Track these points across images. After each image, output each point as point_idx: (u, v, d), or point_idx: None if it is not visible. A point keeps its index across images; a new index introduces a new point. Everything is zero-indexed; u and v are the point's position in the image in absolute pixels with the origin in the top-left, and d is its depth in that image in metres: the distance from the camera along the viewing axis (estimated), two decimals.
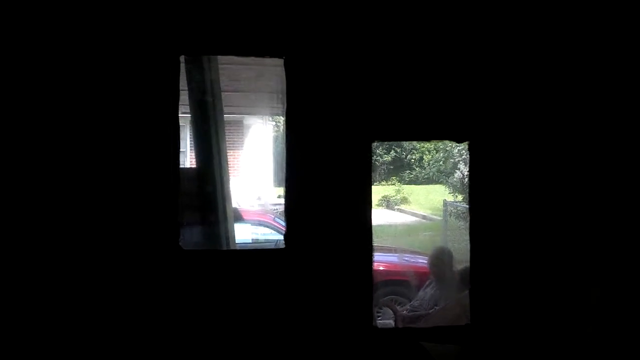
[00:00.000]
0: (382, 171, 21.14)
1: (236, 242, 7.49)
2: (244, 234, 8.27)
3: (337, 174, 3.59)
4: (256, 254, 3.67)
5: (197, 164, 4.37)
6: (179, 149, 3.48)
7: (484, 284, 3.66)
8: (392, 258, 8.79)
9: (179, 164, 3.48)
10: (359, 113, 3.59)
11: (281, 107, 3.70)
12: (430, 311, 6.29)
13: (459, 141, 3.80)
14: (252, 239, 8.69)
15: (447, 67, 3.67)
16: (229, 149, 16.19)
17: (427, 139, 3.81)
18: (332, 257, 3.57)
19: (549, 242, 3.69)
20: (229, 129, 16.35)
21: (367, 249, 3.60)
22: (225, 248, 4.40)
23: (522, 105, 3.71)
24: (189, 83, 4.24)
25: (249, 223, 8.76)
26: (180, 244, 3.47)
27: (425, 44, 3.65)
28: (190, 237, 4.17)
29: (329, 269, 3.56)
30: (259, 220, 9.22)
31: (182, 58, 3.48)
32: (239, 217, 6.65)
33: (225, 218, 4.37)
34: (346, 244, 3.58)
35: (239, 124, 17.01)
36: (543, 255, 3.69)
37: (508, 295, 3.66)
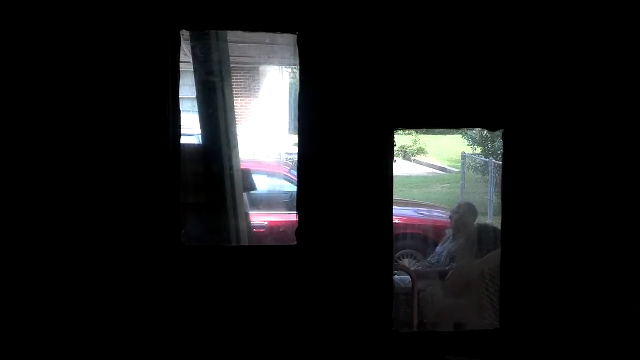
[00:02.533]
0: None
1: (251, 193, 7.29)
2: (259, 186, 8.10)
3: (356, 165, 3.24)
4: (265, 251, 3.37)
5: (202, 141, 4.03)
6: (180, 134, 3.14)
7: (515, 289, 3.35)
8: (408, 211, 8.63)
9: (180, 151, 3.15)
10: (380, 98, 3.22)
11: (295, 58, 3.34)
12: (447, 268, 6.12)
13: (493, 129, 3.42)
14: (268, 191, 8.55)
15: (482, 47, 3.27)
16: (244, 96, 15.94)
17: (455, 126, 3.43)
18: (348, 254, 3.27)
19: (586, 242, 3.36)
20: (244, 76, 15.96)
21: (387, 249, 3.29)
22: (234, 239, 4.11)
23: (563, 90, 3.34)
24: (194, 62, 3.88)
25: (264, 175, 8.60)
26: (182, 239, 3.18)
27: (455, 20, 3.24)
28: (195, 226, 3.87)
29: (343, 268, 3.27)
30: (275, 172, 9.04)
31: (187, 35, 3.12)
32: (251, 186, 6.31)
33: (235, 205, 4.06)
34: (363, 242, 3.29)
35: (254, 72, 16.60)
36: (581, 256, 3.36)
37: (540, 300, 3.36)
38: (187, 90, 4.28)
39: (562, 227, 3.35)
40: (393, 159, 3.29)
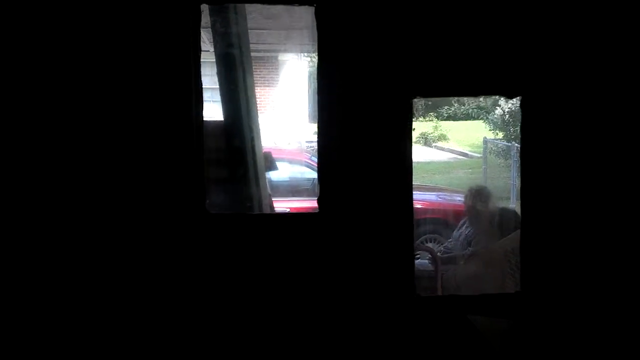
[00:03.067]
0: (420, 107, 20.61)
1: (273, 180, 7.32)
2: (280, 173, 8.15)
3: (375, 134, 3.27)
4: (287, 219, 3.43)
5: (224, 118, 4.09)
6: (202, 105, 3.20)
7: (536, 249, 3.35)
8: (430, 196, 8.65)
9: (202, 121, 3.21)
10: (398, 67, 3.24)
11: (311, 44, 3.35)
12: (465, 252, 6.13)
13: (510, 96, 3.41)
14: (289, 177, 8.60)
15: (500, 14, 3.25)
16: (263, 86, 15.98)
17: (474, 94, 3.43)
18: (370, 222, 3.30)
19: (608, 208, 3.34)
20: (264, 66, 16.02)
21: (407, 213, 3.32)
22: (257, 209, 4.16)
23: (582, 56, 3.30)
24: (214, 36, 3.92)
25: (286, 162, 8.64)
26: (206, 207, 3.24)
27: None
28: (218, 196, 3.94)
29: (366, 235, 3.30)
30: (296, 159, 9.08)
31: (205, 8, 3.16)
32: (272, 165, 6.38)
33: (256, 175, 4.12)
34: (385, 208, 3.30)
35: (273, 61, 16.64)
36: (601, 221, 3.35)
37: (562, 261, 3.36)
38: (208, 80, 4.31)
39: (581, 192, 3.34)
40: (412, 126, 3.32)
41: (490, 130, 15.08)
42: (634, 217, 3.35)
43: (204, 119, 3.28)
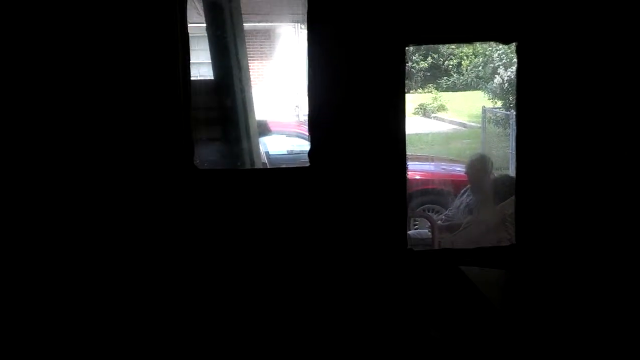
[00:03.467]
0: (419, 78, 20.45)
1: (270, 154, 7.29)
2: (279, 146, 8.10)
3: (367, 84, 3.20)
4: (277, 173, 3.37)
5: (214, 76, 4.01)
6: (189, 59, 3.13)
7: (530, 199, 3.31)
8: (429, 167, 8.62)
9: (189, 75, 3.14)
10: (391, 12, 3.15)
11: (302, 13, 3.28)
12: (465, 220, 6.09)
13: (506, 42, 3.34)
14: (288, 151, 8.55)
15: None
16: (260, 59, 15.82)
17: (468, 40, 3.35)
18: (362, 174, 3.24)
19: (600, 156, 3.29)
20: (259, 39, 15.85)
21: (400, 166, 3.26)
22: (249, 166, 4.10)
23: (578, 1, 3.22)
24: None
25: (284, 134, 8.58)
26: (195, 163, 3.19)
27: None
28: (210, 154, 3.88)
29: (358, 188, 3.25)
30: (295, 132, 9.02)
31: None
32: (267, 130, 6.33)
33: (248, 133, 4.06)
34: (378, 159, 3.24)
35: (269, 33, 16.46)
36: (594, 170, 3.30)
37: (556, 212, 3.31)
38: (203, 55, 4.22)
39: (575, 140, 3.28)
40: (405, 75, 3.24)
41: (489, 99, 14.95)
42: (624, 174, 3.29)
43: (194, 78, 3.21)
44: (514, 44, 3.27)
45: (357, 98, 3.21)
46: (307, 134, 3.27)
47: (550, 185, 3.30)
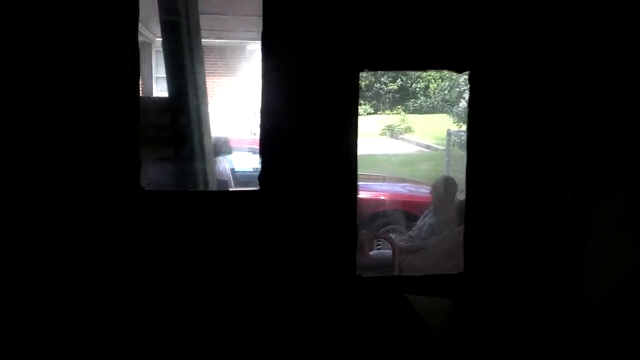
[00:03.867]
0: (387, 100, 20.63)
1: (236, 171, 7.22)
2: (245, 163, 8.04)
3: (320, 107, 3.18)
4: (226, 196, 3.32)
5: (169, 94, 3.95)
6: (139, 75, 3.06)
7: (480, 228, 3.31)
8: (394, 187, 8.65)
9: (138, 92, 3.08)
10: (346, 38, 3.15)
11: (256, 31, 3.26)
12: (427, 241, 6.11)
13: (459, 71, 3.36)
14: (254, 168, 8.48)
15: None
16: (218, 76, 15.73)
17: (422, 68, 3.37)
18: (313, 200, 3.21)
19: (551, 186, 3.31)
20: (217, 56, 15.79)
21: (351, 191, 3.24)
22: (202, 187, 4.04)
23: (530, 32, 3.26)
24: (159, 2, 3.77)
25: (250, 152, 8.52)
26: (142, 183, 3.11)
27: None
28: (161, 175, 3.81)
29: (308, 214, 3.21)
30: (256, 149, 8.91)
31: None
32: (228, 148, 6.27)
33: (203, 153, 4.00)
34: (328, 185, 3.21)
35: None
36: (546, 196, 3.32)
37: (506, 240, 3.32)
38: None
39: (526, 171, 3.31)
40: (358, 101, 3.23)
41: (454, 122, 15.14)
42: (575, 200, 3.33)
43: (148, 95, 3.14)
44: (466, 73, 3.29)
45: (309, 121, 3.19)
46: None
47: (499, 213, 3.31)
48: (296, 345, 3.21)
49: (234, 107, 14.73)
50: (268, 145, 3.19)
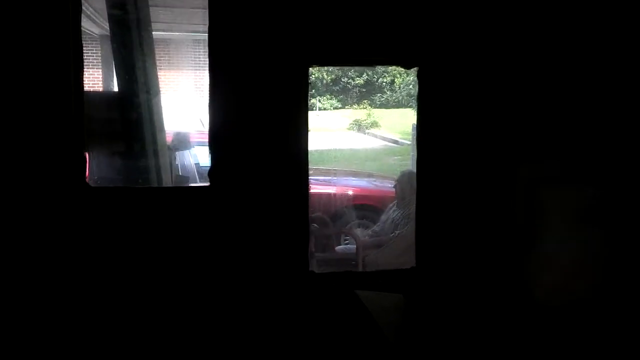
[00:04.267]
0: (354, 94, 20.66)
1: (201, 165, 7.14)
2: (207, 159, 7.94)
3: (269, 103, 3.14)
4: (175, 192, 3.27)
5: (118, 88, 3.86)
6: (82, 68, 2.98)
7: (431, 222, 3.32)
8: (361, 182, 8.66)
9: (82, 86, 3.00)
10: (294, 34, 3.11)
11: (203, 25, 3.20)
12: (391, 235, 6.12)
13: (407, 67, 3.35)
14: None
15: None
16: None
17: (371, 63, 3.36)
18: (264, 195, 3.17)
19: (500, 180, 3.33)
20: (180, 48, 15.57)
21: (302, 186, 3.21)
22: (155, 183, 3.97)
23: (478, 28, 3.27)
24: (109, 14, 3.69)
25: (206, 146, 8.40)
26: (87, 180, 3.04)
27: None
28: (111, 171, 3.72)
29: (259, 209, 3.17)
30: None
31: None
32: (187, 143, 6.18)
33: (155, 149, 3.92)
34: (279, 180, 3.18)
35: (192, 44, 16.24)
36: (494, 192, 3.34)
37: (456, 235, 3.33)
38: None
39: (476, 168, 3.32)
40: (308, 96, 3.20)
41: None
42: (525, 194, 3.35)
43: (94, 90, 3.07)
44: (415, 69, 3.28)
45: (258, 116, 3.15)
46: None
47: (450, 208, 3.32)
48: (246, 341, 3.18)
49: (185, 102, 14.55)
50: (217, 141, 3.14)
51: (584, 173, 3.34)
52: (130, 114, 3.82)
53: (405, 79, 18.61)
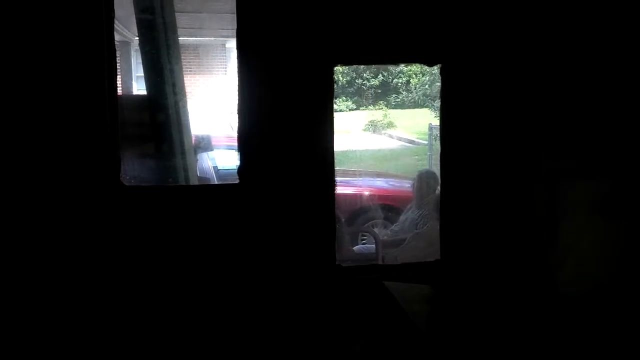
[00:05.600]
0: (369, 95, 20.69)
1: (219, 168, 7.25)
2: (228, 161, 8.06)
3: (296, 102, 3.24)
4: (206, 190, 3.37)
5: (147, 92, 3.99)
6: (116, 73, 3.11)
7: (455, 216, 3.39)
8: (379, 182, 8.70)
9: (116, 90, 3.12)
10: (319, 35, 3.21)
11: (231, 28, 3.31)
12: (410, 234, 6.18)
13: (430, 64, 3.44)
14: (236, 165, 8.47)
15: None
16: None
17: (394, 61, 3.45)
18: (291, 192, 3.28)
19: (523, 172, 3.40)
20: (208, 54, 15.74)
21: (328, 183, 3.30)
22: (183, 182, 4.08)
23: (499, 24, 3.35)
24: (134, 1, 3.81)
25: (235, 149, 8.50)
26: (121, 179, 3.16)
27: None
28: (142, 171, 3.85)
29: (287, 205, 3.28)
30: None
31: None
32: (209, 145, 6.31)
33: (182, 149, 4.04)
34: (306, 177, 3.28)
35: (220, 48, 16.38)
36: (516, 185, 3.41)
37: (480, 228, 3.41)
38: None
39: (498, 160, 3.39)
40: (333, 95, 3.30)
41: (436, 117, 15.22)
42: (546, 187, 3.42)
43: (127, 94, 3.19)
44: (438, 65, 3.37)
45: (285, 116, 3.25)
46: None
47: (474, 202, 3.40)
48: (277, 334, 3.28)
49: (213, 106, 14.72)
50: (246, 140, 3.24)
51: (603, 166, 3.39)
52: (159, 115, 3.94)
53: (421, 80, 18.61)
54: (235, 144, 3.27)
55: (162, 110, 3.91)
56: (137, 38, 4.00)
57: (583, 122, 3.41)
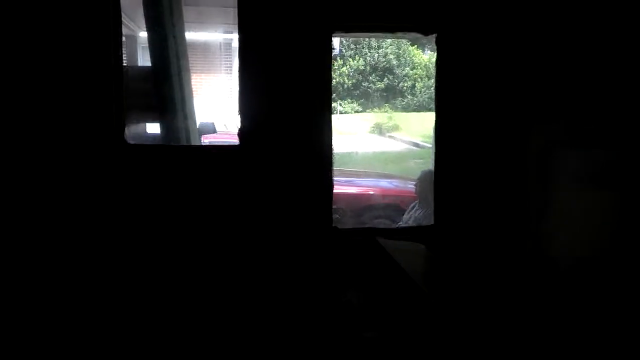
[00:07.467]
0: (375, 98, 20.77)
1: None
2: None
3: (296, 67, 3.33)
4: (207, 150, 3.46)
5: (152, 62, 4.09)
6: (121, 45, 3.23)
7: (448, 184, 3.47)
8: (383, 183, 8.76)
9: (122, 59, 3.24)
10: (318, 1, 3.31)
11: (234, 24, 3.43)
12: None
13: (426, 33, 3.52)
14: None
15: None
16: (212, 73, 15.62)
17: (392, 30, 3.53)
18: (290, 157, 3.37)
19: (514, 144, 3.48)
20: (215, 52, 15.81)
21: (326, 149, 3.39)
22: (184, 143, 4.18)
23: None
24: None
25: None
26: (125, 137, 3.26)
27: None
28: (144, 133, 3.95)
29: (286, 170, 3.36)
30: None
31: None
32: (212, 129, 6.42)
33: (185, 114, 4.14)
34: (304, 142, 3.37)
35: (226, 47, 16.45)
36: (508, 156, 3.49)
37: (473, 195, 3.48)
38: None
39: (491, 132, 3.47)
40: (331, 61, 3.39)
41: None
42: (537, 157, 3.49)
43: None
44: (434, 35, 3.45)
45: (285, 80, 3.34)
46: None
47: (467, 169, 3.47)
48: (275, 289, 3.36)
49: (218, 103, 14.80)
50: (247, 109, 3.33)
51: (595, 136, 3.46)
52: (163, 85, 4.04)
53: (427, 83, 18.72)
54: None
55: (166, 80, 4.01)
56: (143, 32, 4.10)
57: (576, 94, 3.48)
